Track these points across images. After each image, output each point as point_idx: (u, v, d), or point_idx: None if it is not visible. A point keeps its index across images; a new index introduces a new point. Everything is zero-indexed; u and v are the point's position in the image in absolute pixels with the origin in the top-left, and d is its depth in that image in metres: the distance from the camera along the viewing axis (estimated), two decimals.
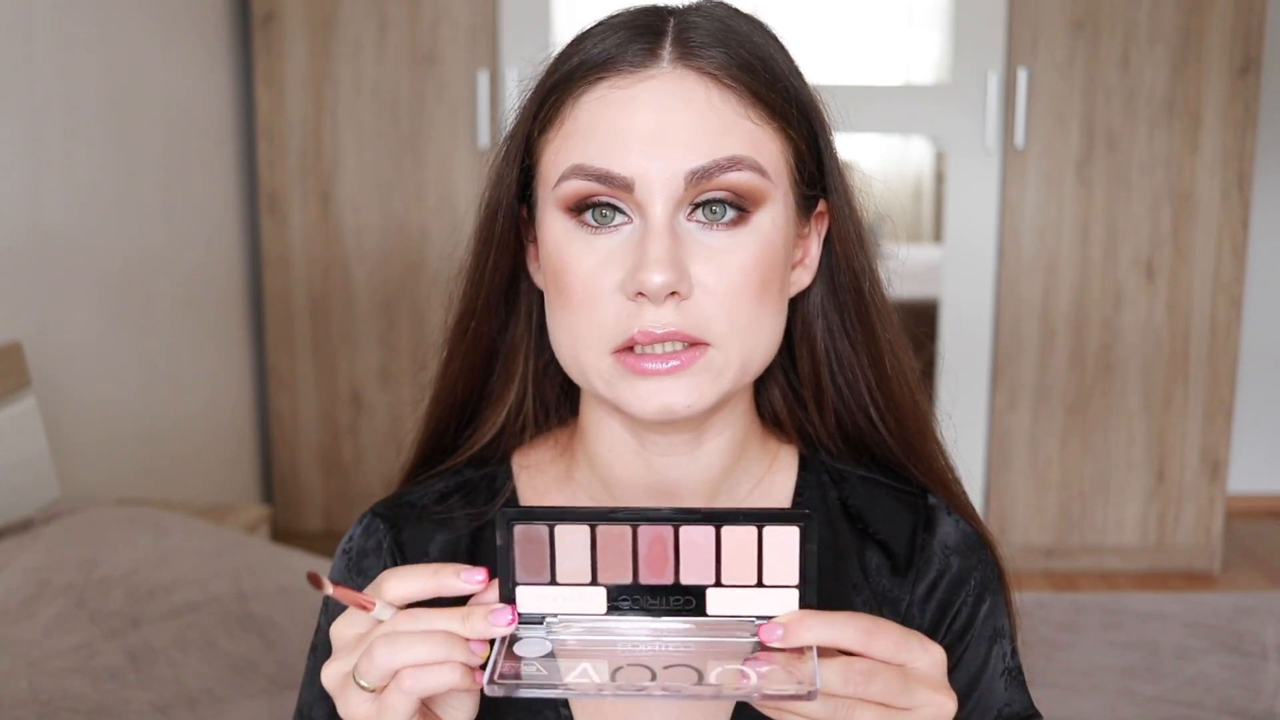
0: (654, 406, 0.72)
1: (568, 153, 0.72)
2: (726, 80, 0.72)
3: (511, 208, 0.78)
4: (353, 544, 0.83)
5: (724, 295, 0.71)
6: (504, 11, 3.05)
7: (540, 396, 0.85)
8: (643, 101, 0.71)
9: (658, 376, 0.71)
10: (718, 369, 0.73)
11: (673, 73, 0.72)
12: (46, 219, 2.33)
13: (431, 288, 3.15)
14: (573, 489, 0.85)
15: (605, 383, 0.73)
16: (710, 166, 0.70)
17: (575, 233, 0.73)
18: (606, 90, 0.72)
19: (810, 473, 0.86)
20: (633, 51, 0.72)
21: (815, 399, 0.84)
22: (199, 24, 2.96)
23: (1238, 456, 3.70)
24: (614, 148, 0.71)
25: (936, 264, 3.23)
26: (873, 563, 0.83)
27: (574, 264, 0.72)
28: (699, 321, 0.71)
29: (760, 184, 0.72)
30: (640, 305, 0.71)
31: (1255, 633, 1.87)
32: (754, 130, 0.72)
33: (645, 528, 0.64)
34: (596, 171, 0.71)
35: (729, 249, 0.72)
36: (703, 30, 0.73)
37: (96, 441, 2.50)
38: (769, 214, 0.73)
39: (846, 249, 0.79)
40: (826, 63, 3.94)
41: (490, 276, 0.80)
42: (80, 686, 1.45)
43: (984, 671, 0.83)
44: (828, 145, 0.78)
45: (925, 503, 0.85)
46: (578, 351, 0.74)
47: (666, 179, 0.70)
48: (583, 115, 0.72)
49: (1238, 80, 2.99)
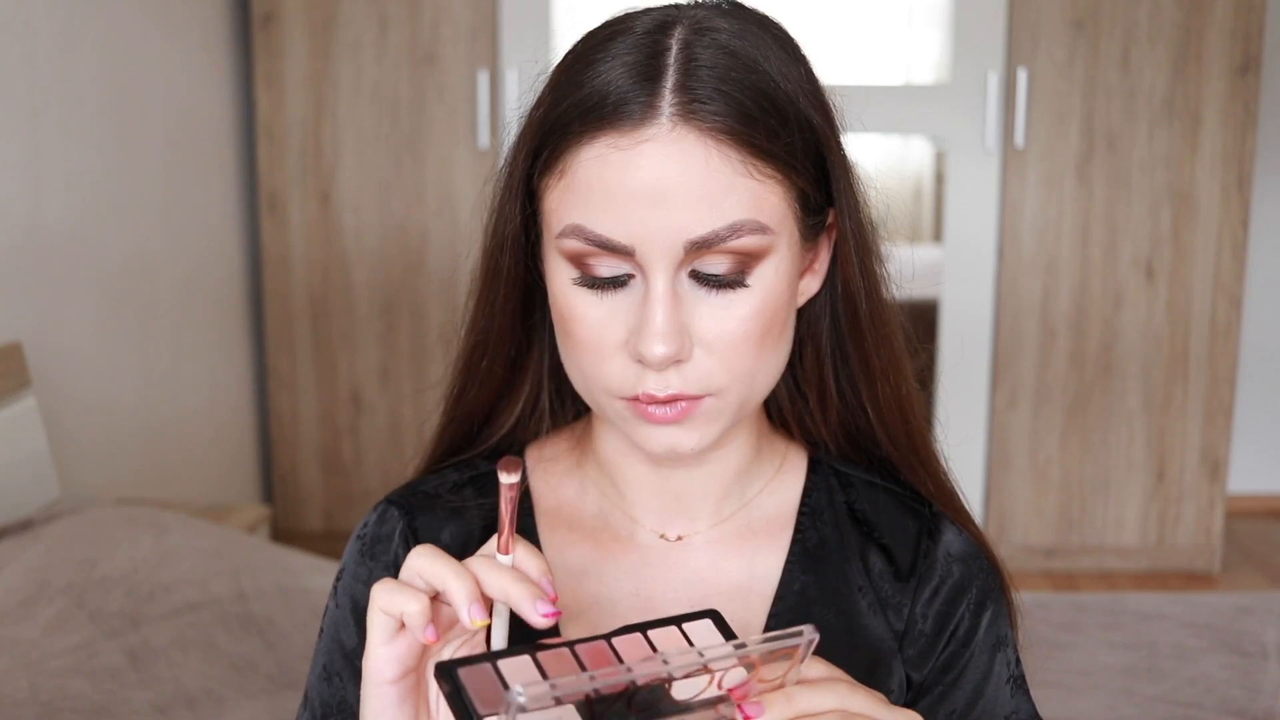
0: (660, 448, 0.74)
1: (567, 209, 0.72)
2: (727, 139, 0.70)
3: (517, 241, 0.78)
4: (367, 530, 0.84)
5: (724, 350, 0.72)
6: (504, 11, 3.05)
7: (556, 388, 0.86)
8: (641, 165, 0.69)
9: (663, 424, 0.73)
10: (717, 412, 0.74)
11: (671, 133, 0.69)
12: (46, 219, 2.33)
13: (432, 288, 3.15)
14: (583, 481, 0.85)
15: (617, 418, 0.75)
16: (710, 237, 0.69)
17: (580, 284, 0.73)
18: (605, 150, 0.70)
19: (819, 475, 0.86)
20: (632, 105, 0.70)
21: (819, 398, 0.84)
22: (199, 24, 2.96)
23: (1238, 456, 3.70)
24: (613, 214, 0.70)
25: (936, 264, 3.23)
26: (876, 567, 0.83)
27: (580, 313, 0.73)
28: (699, 380, 0.72)
29: (762, 243, 0.71)
30: (644, 367, 0.72)
31: (1255, 633, 1.87)
32: (756, 187, 0.71)
33: (582, 645, 0.64)
34: (596, 238, 0.70)
35: (730, 304, 0.72)
36: (705, 72, 0.70)
37: (96, 441, 2.50)
38: (772, 264, 0.73)
39: (855, 254, 0.79)
40: (826, 63, 3.93)
41: (502, 309, 0.80)
42: (80, 686, 1.45)
43: (988, 681, 0.83)
44: (837, 161, 0.76)
45: (930, 510, 0.85)
46: (589, 389, 0.76)
47: (666, 247, 0.70)
48: (580, 172, 0.71)
49: (1238, 80, 2.99)
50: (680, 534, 0.83)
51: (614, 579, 0.82)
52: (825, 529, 0.84)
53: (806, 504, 0.85)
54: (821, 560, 0.83)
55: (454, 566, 0.63)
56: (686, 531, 0.83)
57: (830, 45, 4.00)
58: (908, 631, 0.82)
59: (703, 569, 0.82)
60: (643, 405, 0.73)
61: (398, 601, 0.63)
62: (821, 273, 0.80)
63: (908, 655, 0.82)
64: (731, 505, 0.83)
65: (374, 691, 0.65)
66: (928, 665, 0.83)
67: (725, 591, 0.82)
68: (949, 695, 0.82)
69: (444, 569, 0.63)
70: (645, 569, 0.82)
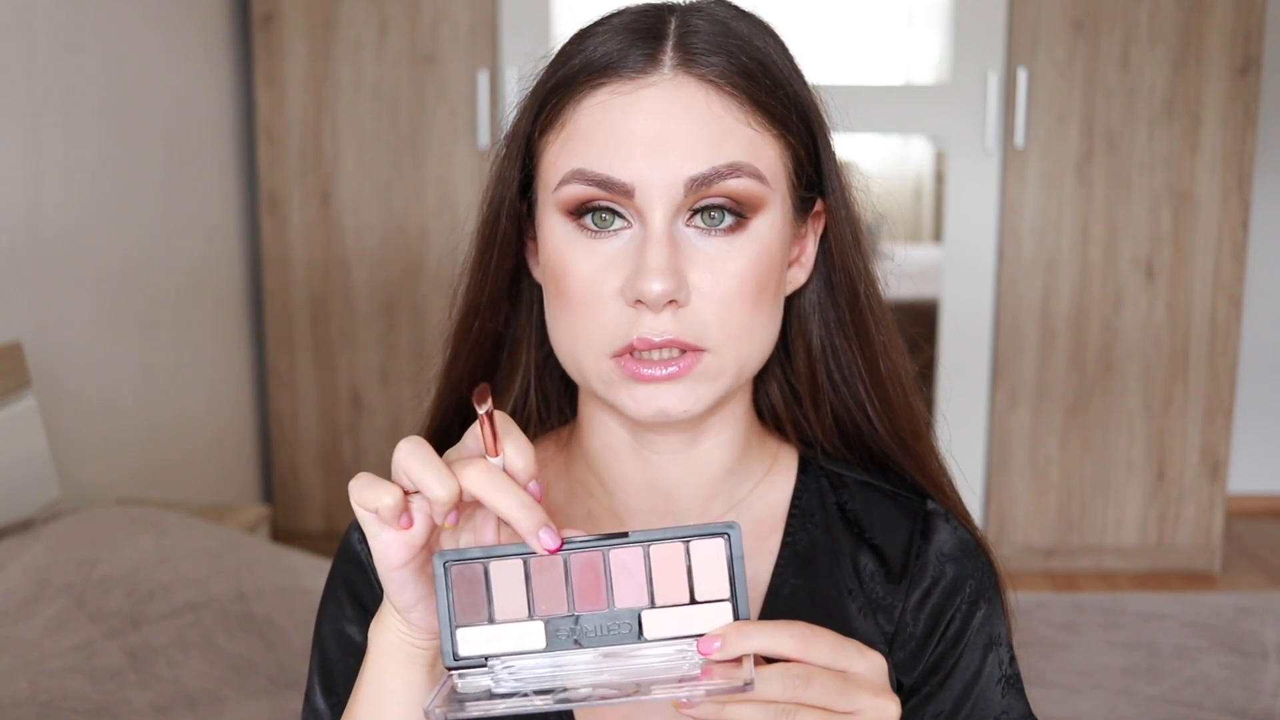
0: (650, 410, 0.73)
1: (568, 157, 0.73)
2: (727, 87, 0.72)
3: (514, 206, 0.78)
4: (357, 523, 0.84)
5: (720, 301, 0.72)
6: (504, 11, 3.05)
7: (543, 390, 0.86)
8: (643, 108, 0.71)
9: (655, 382, 0.72)
10: (714, 374, 0.73)
11: (673, 79, 0.72)
12: (46, 219, 2.33)
13: (431, 287, 3.15)
14: (571, 484, 0.85)
15: (604, 384, 0.74)
16: (710, 174, 0.70)
17: (575, 236, 0.73)
18: (607, 96, 0.72)
19: (809, 476, 0.86)
20: (634, 57, 0.72)
21: (811, 396, 0.84)
22: (199, 24, 2.96)
23: (1238, 456, 3.70)
24: (614, 153, 0.71)
25: (936, 264, 3.23)
26: (867, 568, 0.83)
27: (574, 267, 0.73)
28: (695, 328, 0.72)
29: (759, 190, 0.72)
30: (639, 311, 0.71)
31: (1255, 633, 1.87)
32: (753, 137, 0.72)
33: (576, 555, 0.65)
34: (597, 177, 0.71)
35: (726, 255, 0.72)
36: (704, 35, 0.73)
37: (96, 441, 2.50)
38: (767, 220, 0.73)
39: (842, 250, 0.80)
40: (826, 63, 3.94)
41: (494, 275, 0.80)
42: (80, 686, 1.45)
43: (978, 679, 0.82)
44: (826, 147, 0.78)
45: (924, 509, 0.85)
46: (576, 353, 0.75)
47: (666, 185, 0.70)
48: (583, 120, 0.72)
49: (1238, 80, 2.99)
50: None
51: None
52: (815, 531, 0.84)
53: (797, 505, 0.84)
54: (811, 563, 0.83)
55: (438, 470, 0.64)
56: None
57: (830, 45, 4.00)
58: (897, 634, 0.82)
59: None
60: (634, 364, 0.72)
61: (370, 496, 0.65)
62: (808, 266, 0.81)
63: (898, 658, 0.82)
64: (720, 506, 0.83)
65: (389, 576, 0.67)
66: (918, 668, 0.82)
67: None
68: (936, 695, 0.82)
69: (427, 473, 0.64)
70: None
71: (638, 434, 0.80)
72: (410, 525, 0.65)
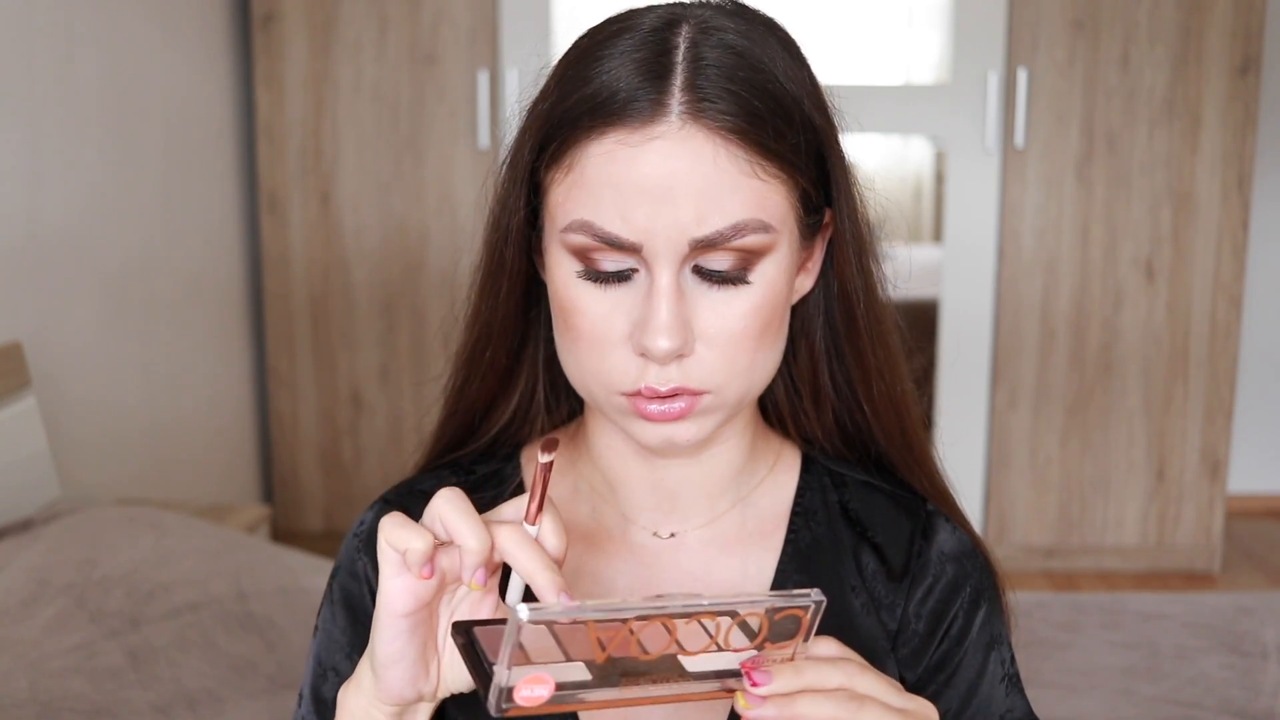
0: (657, 439, 0.75)
1: (574, 205, 0.72)
2: (735, 139, 0.70)
3: (521, 234, 0.78)
4: (364, 527, 0.84)
5: (724, 345, 0.73)
6: (504, 11, 3.05)
7: (552, 382, 0.86)
8: (650, 160, 0.70)
9: (662, 422, 0.74)
10: (717, 408, 0.75)
11: (680, 130, 0.70)
12: (46, 219, 2.33)
13: (432, 288, 3.15)
14: (576, 480, 0.85)
15: (614, 413, 0.76)
16: (715, 237, 0.70)
17: (583, 279, 0.73)
18: (614, 146, 0.70)
19: (812, 474, 0.86)
20: (641, 102, 0.70)
21: (813, 395, 0.84)
22: (199, 24, 2.96)
23: (1238, 456, 3.70)
24: (621, 211, 0.70)
25: (936, 264, 3.23)
26: (869, 566, 0.83)
27: (583, 308, 0.73)
28: (700, 375, 0.73)
29: (765, 241, 0.72)
30: (646, 361, 0.72)
31: (1255, 633, 1.87)
32: (760, 187, 0.71)
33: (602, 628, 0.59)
34: (603, 234, 0.71)
35: (730, 301, 0.72)
36: (713, 71, 0.71)
37: (96, 441, 2.50)
38: (773, 262, 0.73)
39: (846, 255, 0.79)
40: (826, 63, 3.92)
41: (505, 300, 0.80)
42: (80, 686, 1.45)
43: (982, 679, 0.83)
44: (838, 161, 0.77)
45: (924, 509, 0.85)
46: (587, 384, 0.76)
47: (672, 243, 0.70)
48: (589, 168, 0.71)
49: (1238, 80, 2.99)
50: (673, 531, 0.83)
51: (607, 577, 0.82)
52: (818, 529, 0.84)
53: (800, 503, 0.85)
54: (814, 560, 0.83)
55: (474, 524, 0.64)
56: (680, 529, 0.83)
57: (830, 45, 4.00)
58: (901, 631, 0.83)
59: (696, 568, 0.82)
60: (643, 404, 0.73)
61: (403, 537, 0.64)
62: (815, 271, 0.80)
63: (901, 655, 0.82)
64: (725, 503, 0.84)
65: (386, 622, 0.66)
66: (921, 664, 0.83)
67: (718, 591, 0.82)
68: (942, 694, 0.83)
69: (463, 524, 0.64)
70: (639, 568, 0.82)
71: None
72: (430, 576, 0.65)
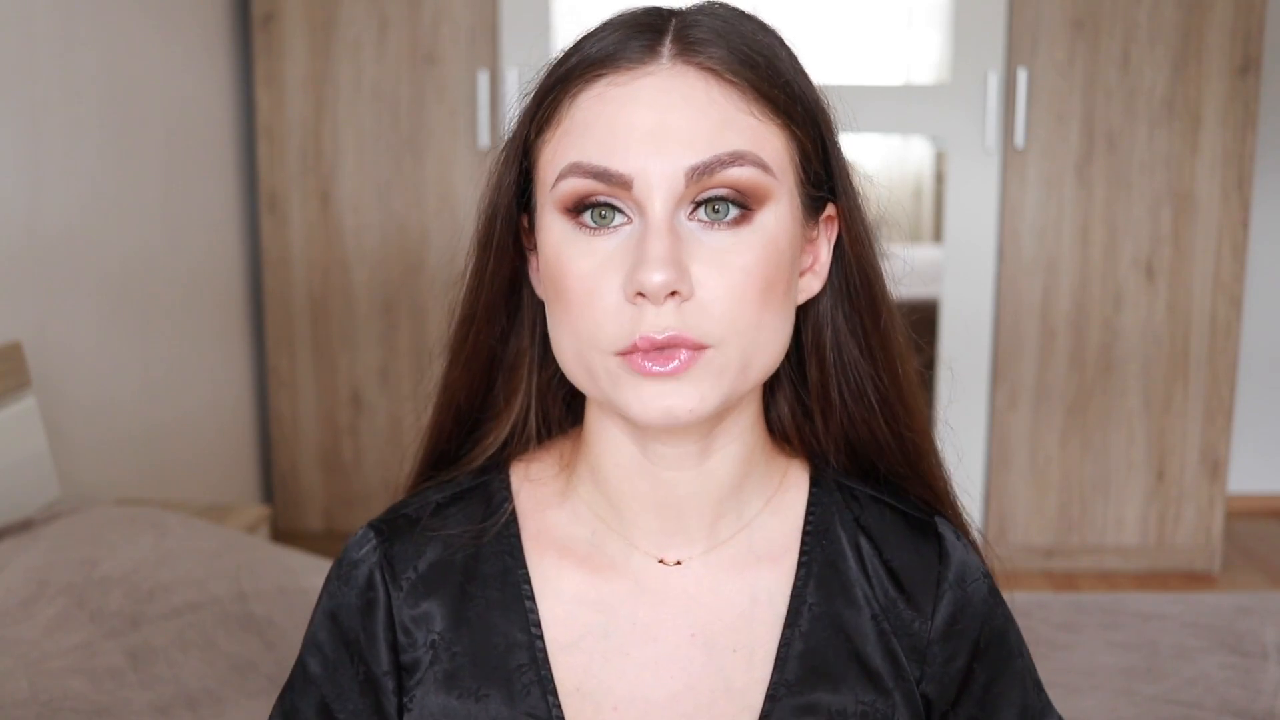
0: (656, 411, 0.69)
1: (565, 151, 0.71)
2: (728, 76, 0.70)
3: (510, 211, 0.77)
4: (346, 554, 0.82)
5: (725, 297, 0.69)
6: (504, 11, 3.05)
7: (544, 411, 0.84)
8: (641, 98, 0.69)
9: (660, 378, 0.69)
10: (718, 369, 0.70)
11: (672, 69, 0.70)
12: (46, 219, 2.33)
13: (432, 288, 3.15)
14: (574, 504, 0.82)
15: (610, 381, 0.71)
16: (711, 162, 0.68)
17: (574, 235, 0.71)
18: (605, 87, 0.70)
19: (822, 490, 0.83)
20: (632, 48, 0.71)
21: (822, 409, 0.82)
22: (199, 24, 2.96)
23: (1238, 456, 3.70)
24: (612, 145, 0.69)
25: (936, 264, 3.23)
26: (883, 586, 0.81)
27: (573, 266, 0.70)
28: (699, 324, 0.69)
29: (763, 180, 0.70)
30: (640, 307, 0.68)
31: (1255, 633, 1.87)
32: (756, 126, 0.70)
33: None
34: (594, 169, 0.69)
35: (731, 249, 0.69)
36: (704, 27, 0.72)
37: (96, 441, 2.50)
38: (773, 212, 0.71)
39: (859, 255, 0.77)
40: (826, 63, 3.94)
41: (490, 281, 0.78)
42: (80, 686, 1.45)
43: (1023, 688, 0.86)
44: (834, 146, 0.76)
45: (935, 530, 0.83)
46: (582, 352, 0.71)
47: (666, 176, 0.68)
48: (580, 113, 0.71)
49: (1238, 80, 2.99)
50: (678, 558, 0.79)
51: (610, 606, 0.79)
52: (831, 548, 0.81)
53: (810, 522, 0.82)
54: (829, 581, 0.80)
55: None
56: (685, 555, 0.79)
57: (830, 45, 4.00)
58: (919, 651, 0.81)
59: (703, 594, 0.79)
60: (639, 359, 0.69)
61: None
62: (822, 275, 0.78)
63: (925, 674, 0.81)
64: (730, 526, 0.80)
65: None
66: (948, 687, 0.82)
67: (728, 618, 0.79)
68: None
69: None
70: (643, 595, 0.79)
71: (645, 447, 0.77)
72: None
